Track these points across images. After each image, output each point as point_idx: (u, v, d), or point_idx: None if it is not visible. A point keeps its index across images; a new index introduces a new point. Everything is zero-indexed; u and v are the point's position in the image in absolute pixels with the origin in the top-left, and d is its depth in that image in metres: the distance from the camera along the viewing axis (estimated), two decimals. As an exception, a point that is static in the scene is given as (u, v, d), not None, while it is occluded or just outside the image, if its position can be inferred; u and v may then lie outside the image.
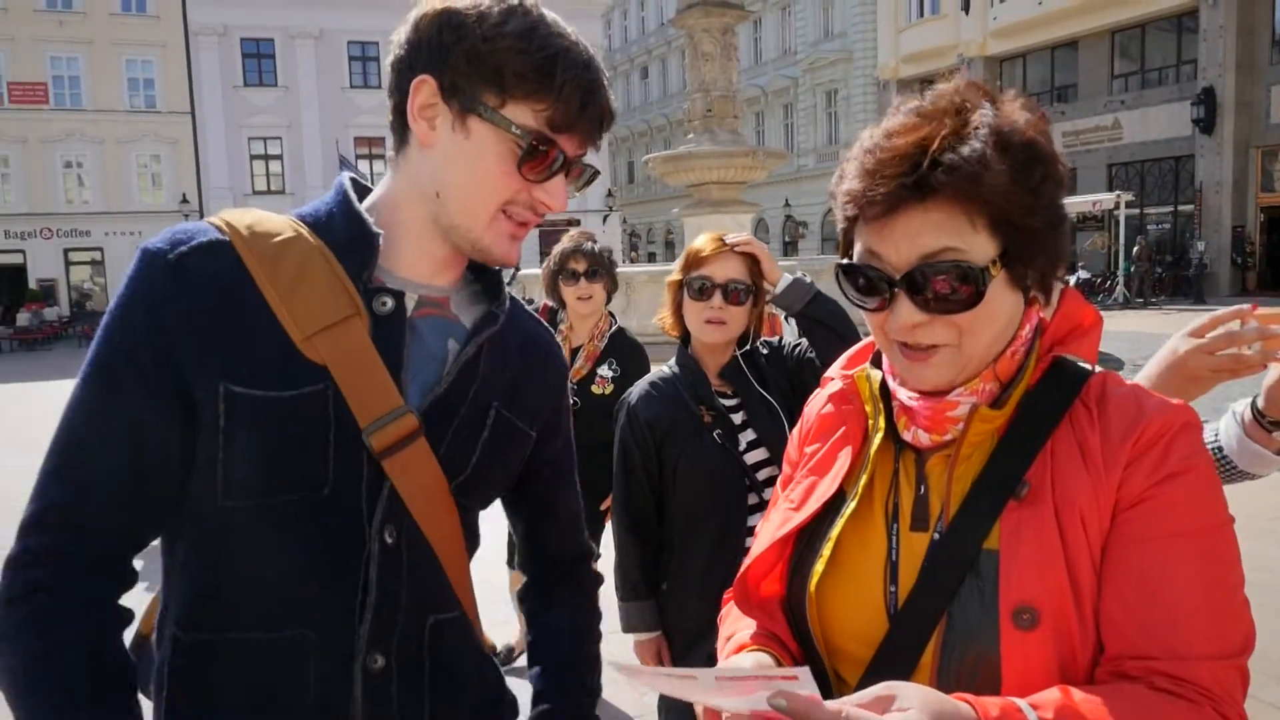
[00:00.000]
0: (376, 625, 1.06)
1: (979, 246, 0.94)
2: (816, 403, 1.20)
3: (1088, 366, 1.02)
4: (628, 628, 2.40)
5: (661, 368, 2.44)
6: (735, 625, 1.14)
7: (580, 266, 3.54)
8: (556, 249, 3.58)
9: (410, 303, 1.12)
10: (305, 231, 1.08)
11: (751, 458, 2.29)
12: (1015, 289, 0.99)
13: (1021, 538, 0.91)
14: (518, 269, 6.46)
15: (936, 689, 0.83)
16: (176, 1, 33.17)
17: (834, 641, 1.04)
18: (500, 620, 4.26)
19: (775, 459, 2.29)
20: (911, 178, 0.93)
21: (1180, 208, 25.93)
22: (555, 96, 1.05)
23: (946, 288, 0.94)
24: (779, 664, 1.03)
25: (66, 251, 33.25)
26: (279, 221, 1.08)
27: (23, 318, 28.65)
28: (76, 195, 33.51)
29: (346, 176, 1.16)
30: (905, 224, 0.95)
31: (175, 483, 1.03)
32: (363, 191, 1.19)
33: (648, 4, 48.72)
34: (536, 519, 1.35)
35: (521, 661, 4.00)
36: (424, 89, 1.06)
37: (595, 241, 3.64)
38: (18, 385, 16.94)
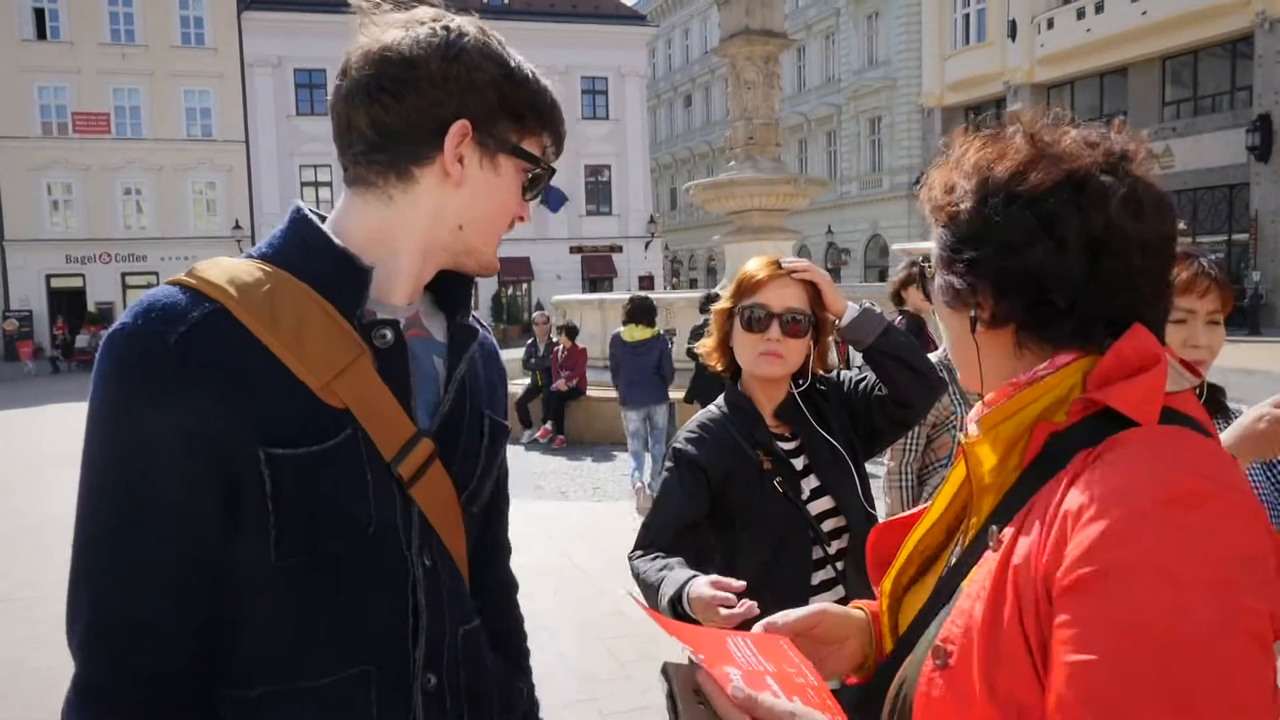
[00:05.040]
0: (429, 646, 1.10)
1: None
2: None
3: (1129, 418, 0.85)
4: None
5: (710, 408, 2.19)
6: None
7: None
8: None
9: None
10: (280, 274, 1.05)
11: (815, 508, 2.02)
12: (950, 307, 1.01)
13: (973, 581, 0.90)
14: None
15: (886, 710, 0.92)
16: (233, 34, 34.21)
17: (886, 644, 1.08)
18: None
19: (841, 508, 2.06)
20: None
21: (1234, 236, 25.34)
22: (553, 126, 1.17)
23: None
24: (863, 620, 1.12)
25: (124, 275, 34.13)
26: (248, 268, 1.04)
27: (81, 339, 29.42)
28: (134, 221, 34.47)
29: (307, 208, 1.14)
30: None
31: (221, 557, 1.01)
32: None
33: (691, 32, 49.16)
34: (488, 525, 1.33)
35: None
36: (459, 131, 1.08)
37: None
38: (77, 404, 17.40)
